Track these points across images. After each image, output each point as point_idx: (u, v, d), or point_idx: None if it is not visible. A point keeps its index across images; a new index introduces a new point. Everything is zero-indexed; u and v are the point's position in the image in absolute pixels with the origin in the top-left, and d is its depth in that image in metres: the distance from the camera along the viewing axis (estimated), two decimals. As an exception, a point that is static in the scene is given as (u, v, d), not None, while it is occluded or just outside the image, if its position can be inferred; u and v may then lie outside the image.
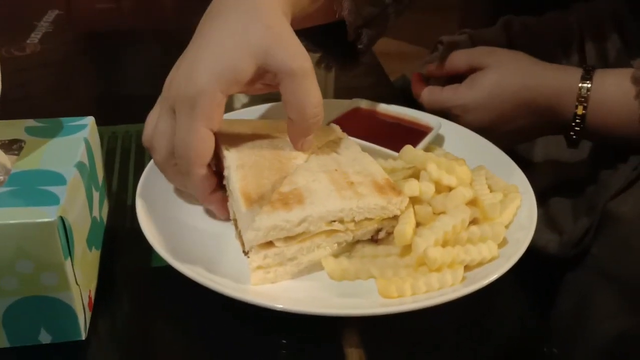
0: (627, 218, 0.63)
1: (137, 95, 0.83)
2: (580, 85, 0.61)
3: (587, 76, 0.61)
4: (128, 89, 0.86)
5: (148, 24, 1.09)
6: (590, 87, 0.60)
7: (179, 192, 0.55)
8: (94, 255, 0.48)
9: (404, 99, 0.87)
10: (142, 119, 0.73)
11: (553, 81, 0.63)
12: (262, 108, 0.67)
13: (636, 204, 0.63)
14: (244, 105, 0.68)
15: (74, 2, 1.20)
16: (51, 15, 1.06)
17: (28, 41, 0.95)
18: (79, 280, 0.42)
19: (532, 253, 0.49)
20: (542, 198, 0.67)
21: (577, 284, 0.66)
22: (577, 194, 0.69)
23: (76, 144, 0.47)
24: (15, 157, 0.45)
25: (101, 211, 0.51)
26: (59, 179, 0.42)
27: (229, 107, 0.78)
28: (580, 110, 0.60)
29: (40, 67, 0.89)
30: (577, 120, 0.61)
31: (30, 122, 0.50)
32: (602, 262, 0.64)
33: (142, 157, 0.66)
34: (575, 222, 0.67)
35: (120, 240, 0.54)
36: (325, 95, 0.89)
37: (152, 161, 0.56)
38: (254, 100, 0.69)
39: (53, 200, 0.40)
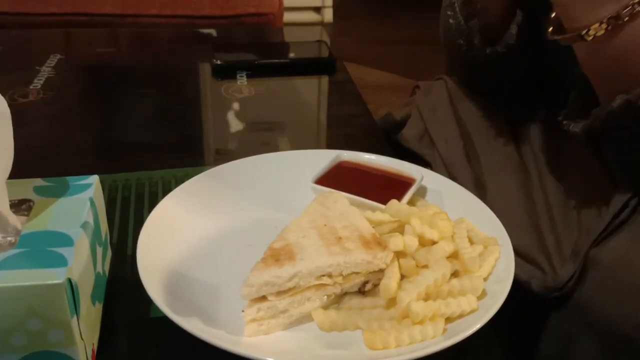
0: (608, 264, 0.65)
1: (137, 143, 0.87)
2: None
3: None
4: (128, 136, 0.89)
5: (148, 68, 1.12)
6: None
7: (177, 244, 0.58)
8: (97, 309, 0.50)
9: (387, 139, 0.91)
10: (141, 167, 0.77)
11: None
12: (261, 158, 0.71)
13: (616, 250, 0.64)
14: (241, 155, 0.71)
15: (74, 47, 1.24)
16: (53, 59, 1.09)
17: (31, 87, 0.98)
18: (84, 335, 0.45)
19: (515, 287, 0.51)
20: (529, 236, 0.70)
21: (559, 329, 0.68)
22: (562, 237, 0.71)
23: (82, 204, 0.50)
24: (25, 217, 0.48)
25: (104, 265, 0.54)
26: (67, 240, 0.45)
27: (231, 152, 0.82)
28: None
29: (43, 115, 0.92)
30: None
31: (38, 182, 0.53)
32: (584, 307, 0.66)
33: (141, 206, 0.69)
34: (560, 264, 0.69)
35: (120, 290, 0.57)
36: (315, 124, 0.94)
37: (150, 215, 0.59)
38: (252, 150, 0.73)
39: (61, 262, 0.43)
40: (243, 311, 0.49)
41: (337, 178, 0.67)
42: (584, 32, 0.57)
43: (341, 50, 1.11)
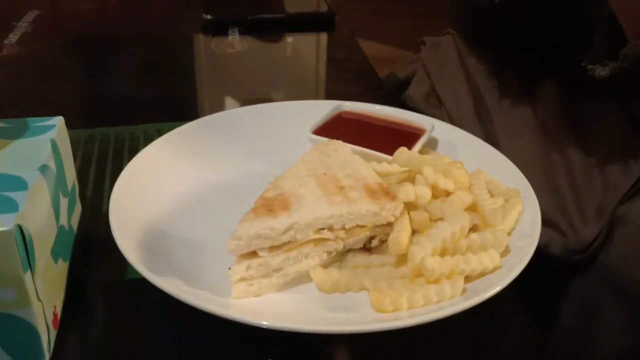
0: (638, 223, 0.59)
1: (117, 97, 0.80)
2: None
3: None
4: (108, 91, 0.82)
5: (133, 27, 1.05)
6: None
7: (157, 198, 0.51)
8: (61, 268, 0.44)
9: (392, 98, 0.84)
10: (120, 121, 0.70)
11: None
12: (254, 108, 0.64)
13: None
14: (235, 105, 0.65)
15: (58, 3, 1.16)
16: (30, 15, 1.02)
17: (5, 41, 0.92)
18: (41, 296, 0.38)
19: (534, 253, 0.45)
20: (547, 198, 0.64)
21: (582, 297, 0.63)
22: (584, 196, 0.65)
23: (41, 145, 0.43)
24: (-27, 160, 0.41)
25: (70, 219, 0.47)
26: (20, 184, 0.38)
27: (219, 107, 0.75)
28: None
29: (18, 68, 0.85)
30: None
31: (-7, 123, 0.46)
32: (611, 271, 0.60)
33: (119, 161, 0.62)
34: (582, 225, 0.63)
35: (93, 250, 0.51)
36: (313, 81, 0.87)
37: (128, 165, 0.53)
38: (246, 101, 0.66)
39: (11, 207, 0.36)
40: (230, 269, 0.42)
41: (337, 129, 0.60)
42: None
43: (340, 23, 1.03)
